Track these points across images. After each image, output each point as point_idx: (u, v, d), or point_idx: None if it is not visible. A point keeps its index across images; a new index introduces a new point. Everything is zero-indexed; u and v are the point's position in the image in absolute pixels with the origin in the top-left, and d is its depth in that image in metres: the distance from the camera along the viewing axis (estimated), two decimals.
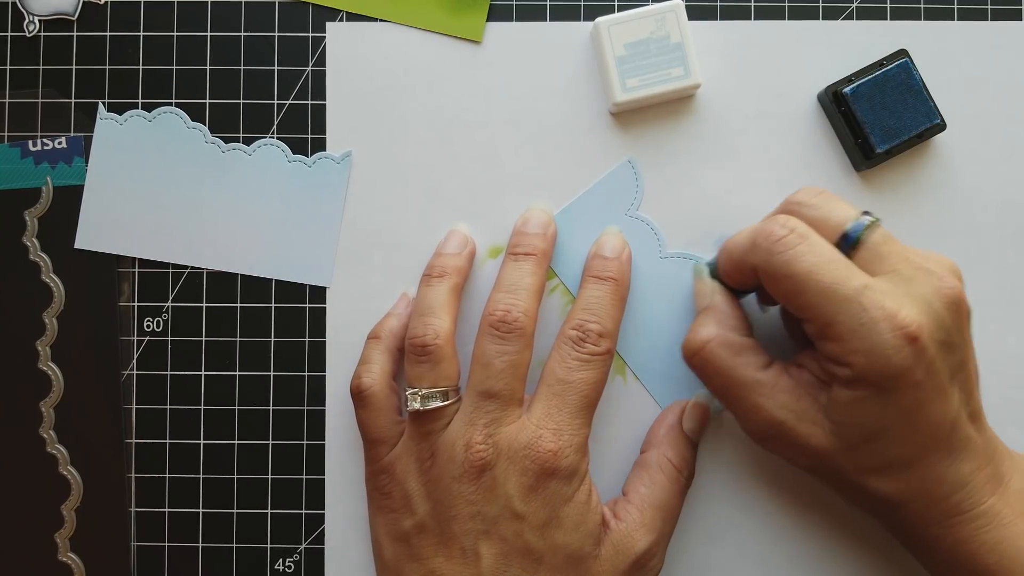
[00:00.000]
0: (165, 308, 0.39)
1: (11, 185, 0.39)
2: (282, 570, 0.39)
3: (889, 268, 0.31)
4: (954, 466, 0.31)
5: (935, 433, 0.31)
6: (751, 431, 0.34)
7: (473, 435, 0.33)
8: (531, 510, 0.32)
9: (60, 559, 0.39)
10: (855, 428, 0.31)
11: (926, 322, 0.30)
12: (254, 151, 0.39)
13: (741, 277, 0.34)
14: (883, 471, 0.31)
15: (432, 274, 0.36)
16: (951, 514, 0.31)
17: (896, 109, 0.37)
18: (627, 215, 0.39)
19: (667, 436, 0.37)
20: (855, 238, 0.32)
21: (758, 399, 0.33)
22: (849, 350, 0.30)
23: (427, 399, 0.34)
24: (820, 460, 0.32)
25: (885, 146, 0.37)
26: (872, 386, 0.30)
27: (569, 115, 0.39)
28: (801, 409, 0.32)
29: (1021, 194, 0.39)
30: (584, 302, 0.35)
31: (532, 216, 0.37)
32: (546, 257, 0.36)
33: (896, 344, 0.29)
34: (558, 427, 0.33)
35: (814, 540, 0.38)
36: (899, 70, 0.37)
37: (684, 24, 0.37)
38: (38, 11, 0.39)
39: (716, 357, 0.34)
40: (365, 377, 0.36)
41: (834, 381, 0.31)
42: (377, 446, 0.35)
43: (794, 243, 0.31)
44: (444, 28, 0.39)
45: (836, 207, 0.33)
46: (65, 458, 0.39)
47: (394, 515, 0.35)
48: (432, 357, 0.34)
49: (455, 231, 0.38)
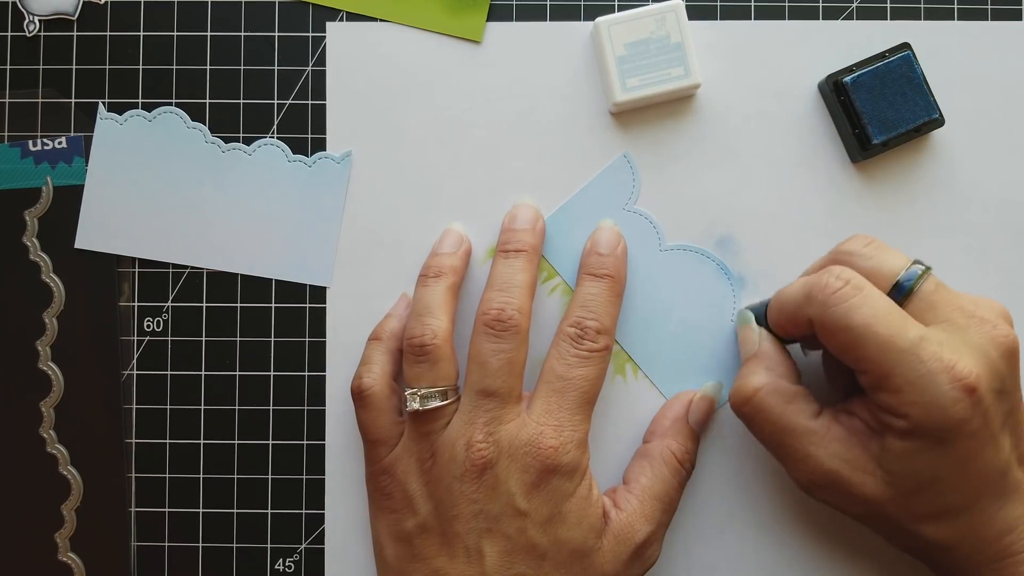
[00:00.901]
0: (165, 308, 0.39)
1: (11, 185, 0.39)
2: (282, 570, 0.39)
3: (943, 317, 0.31)
4: (1004, 510, 0.31)
5: (987, 479, 0.31)
6: (802, 481, 0.33)
7: (473, 434, 0.33)
8: (534, 507, 0.32)
9: (60, 559, 0.39)
10: (909, 478, 0.31)
11: (984, 372, 0.30)
12: (254, 151, 0.39)
13: (795, 329, 0.34)
14: (936, 518, 0.31)
15: (428, 274, 0.36)
16: (1001, 556, 0.31)
17: (895, 101, 0.37)
18: (625, 209, 0.39)
19: (672, 428, 0.37)
20: (908, 287, 0.32)
21: (810, 448, 0.32)
22: (906, 402, 0.30)
23: (426, 399, 0.34)
24: (872, 508, 0.32)
25: (882, 137, 0.37)
26: (928, 437, 0.30)
27: (569, 115, 0.39)
28: (853, 458, 0.32)
29: (1021, 193, 0.39)
30: (581, 299, 0.35)
31: (520, 212, 0.37)
32: (536, 252, 0.36)
33: (955, 396, 0.29)
34: (559, 423, 0.33)
35: (814, 540, 0.38)
36: (901, 62, 0.37)
37: (684, 24, 0.37)
38: (38, 11, 0.39)
39: (767, 406, 0.33)
40: (366, 378, 0.36)
41: (888, 432, 0.31)
42: (377, 447, 0.35)
43: (850, 295, 0.31)
44: (444, 28, 0.39)
45: (888, 256, 0.33)
46: (65, 458, 0.39)
47: (396, 515, 0.35)
48: (430, 357, 0.34)
49: (450, 230, 0.38)
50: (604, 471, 0.38)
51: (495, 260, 0.36)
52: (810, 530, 0.38)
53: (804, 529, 0.38)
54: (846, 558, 0.38)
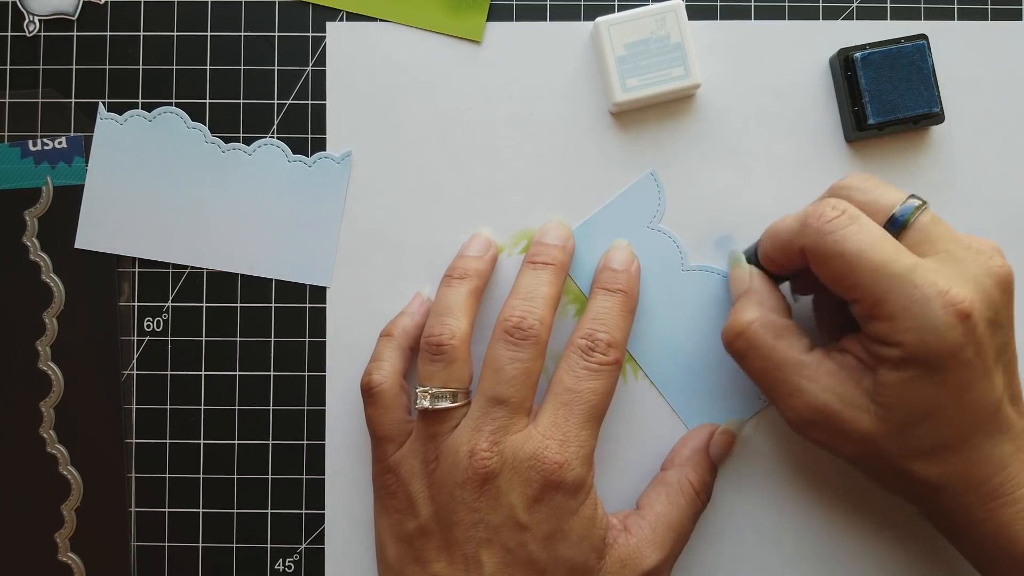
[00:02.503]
0: (165, 308, 0.39)
1: (11, 185, 0.39)
2: (282, 570, 0.39)
3: (939, 249, 0.31)
4: (996, 448, 0.31)
5: (981, 414, 0.30)
6: (793, 418, 0.33)
7: (478, 442, 0.33)
8: (535, 521, 0.32)
9: (60, 559, 0.39)
10: (903, 410, 0.31)
11: (977, 299, 0.30)
12: (254, 151, 0.39)
13: (786, 260, 0.34)
14: (929, 454, 0.31)
15: (453, 275, 0.36)
16: (991, 497, 0.31)
17: (900, 86, 0.37)
18: (649, 227, 0.38)
19: (691, 459, 0.37)
20: (904, 220, 0.32)
21: (801, 381, 0.32)
22: (900, 329, 0.30)
23: (436, 398, 0.34)
24: (865, 446, 0.32)
25: (878, 119, 0.37)
26: (922, 366, 0.30)
27: (569, 115, 0.39)
28: (845, 392, 0.32)
29: (1021, 193, 0.39)
30: (593, 312, 0.35)
31: (551, 228, 0.37)
32: (564, 269, 0.36)
33: (948, 321, 0.29)
34: (564, 438, 0.33)
35: (814, 540, 0.38)
36: (914, 50, 0.37)
37: (684, 24, 0.37)
38: (38, 11, 0.39)
39: (759, 338, 0.33)
40: (375, 374, 0.36)
41: (881, 364, 0.31)
42: (384, 444, 0.35)
43: (845, 224, 0.31)
44: (444, 28, 0.39)
45: (885, 191, 0.33)
46: (65, 458, 0.39)
47: (398, 515, 0.34)
48: (446, 357, 0.34)
49: (479, 234, 0.38)
50: (603, 472, 0.38)
51: (521, 271, 0.36)
52: (811, 530, 0.38)
53: (804, 529, 0.38)
54: (846, 558, 0.38)
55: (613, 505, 0.37)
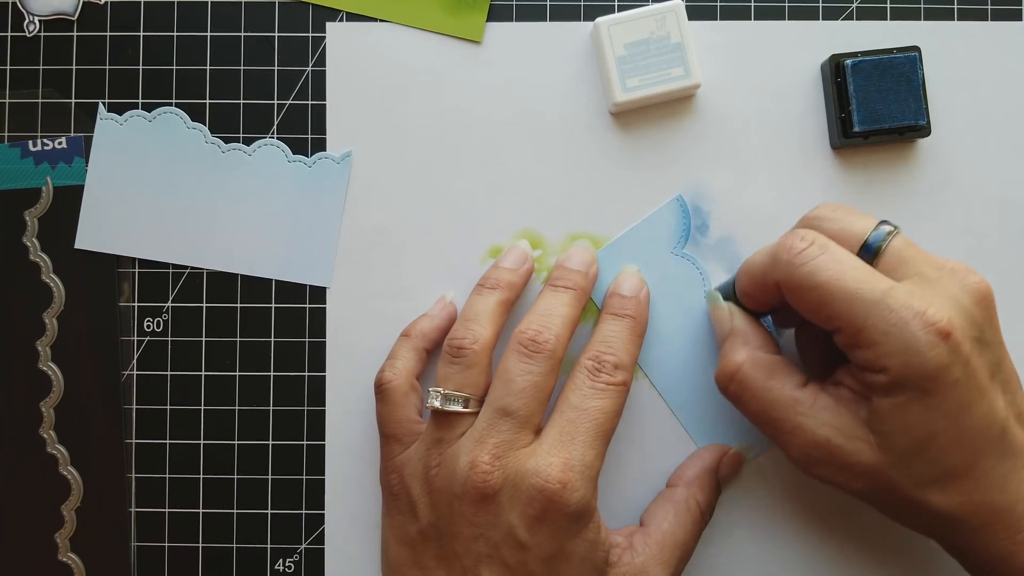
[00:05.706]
0: (165, 308, 0.39)
1: (11, 185, 0.39)
2: (282, 570, 0.39)
3: (913, 272, 0.31)
4: (1013, 474, 0.30)
5: (984, 437, 0.30)
6: (796, 456, 0.32)
7: (480, 454, 0.32)
8: (536, 541, 0.32)
9: (60, 559, 0.39)
10: (902, 437, 0.30)
11: (957, 318, 0.29)
12: (254, 151, 0.39)
13: (763, 296, 0.34)
14: (938, 482, 0.30)
15: (485, 284, 0.36)
16: (1018, 528, 0.30)
17: (887, 96, 0.37)
18: (673, 253, 0.38)
19: (699, 478, 0.36)
20: (876, 246, 0.32)
21: (799, 418, 0.32)
22: (882, 354, 0.29)
23: (448, 400, 0.33)
24: (873, 479, 0.31)
25: (863, 127, 0.37)
26: (912, 389, 0.29)
27: (569, 115, 0.39)
28: (843, 425, 0.31)
29: (1020, 194, 0.39)
30: (601, 335, 0.35)
31: (575, 253, 0.37)
32: (585, 294, 0.36)
33: (930, 341, 0.29)
34: (568, 457, 0.32)
35: (814, 540, 0.38)
36: (905, 61, 0.37)
37: (684, 24, 0.37)
38: (38, 11, 0.39)
39: (750, 379, 0.33)
40: (387, 372, 0.36)
41: (873, 392, 0.30)
42: (391, 443, 0.35)
43: (815, 254, 0.31)
44: (444, 28, 0.39)
45: (855, 219, 0.32)
46: (65, 458, 0.39)
47: (401, 517, 0.34)
48: (465, 360, 0.34)
49: (516, 247, 0.38)
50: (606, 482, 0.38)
51: (542, 292, 0.36)
52: (810, 530, 0.38)
53: (805, 530, 0.38)
54: (847, 559, 0.38)
55: (612, 514, 0.37)
